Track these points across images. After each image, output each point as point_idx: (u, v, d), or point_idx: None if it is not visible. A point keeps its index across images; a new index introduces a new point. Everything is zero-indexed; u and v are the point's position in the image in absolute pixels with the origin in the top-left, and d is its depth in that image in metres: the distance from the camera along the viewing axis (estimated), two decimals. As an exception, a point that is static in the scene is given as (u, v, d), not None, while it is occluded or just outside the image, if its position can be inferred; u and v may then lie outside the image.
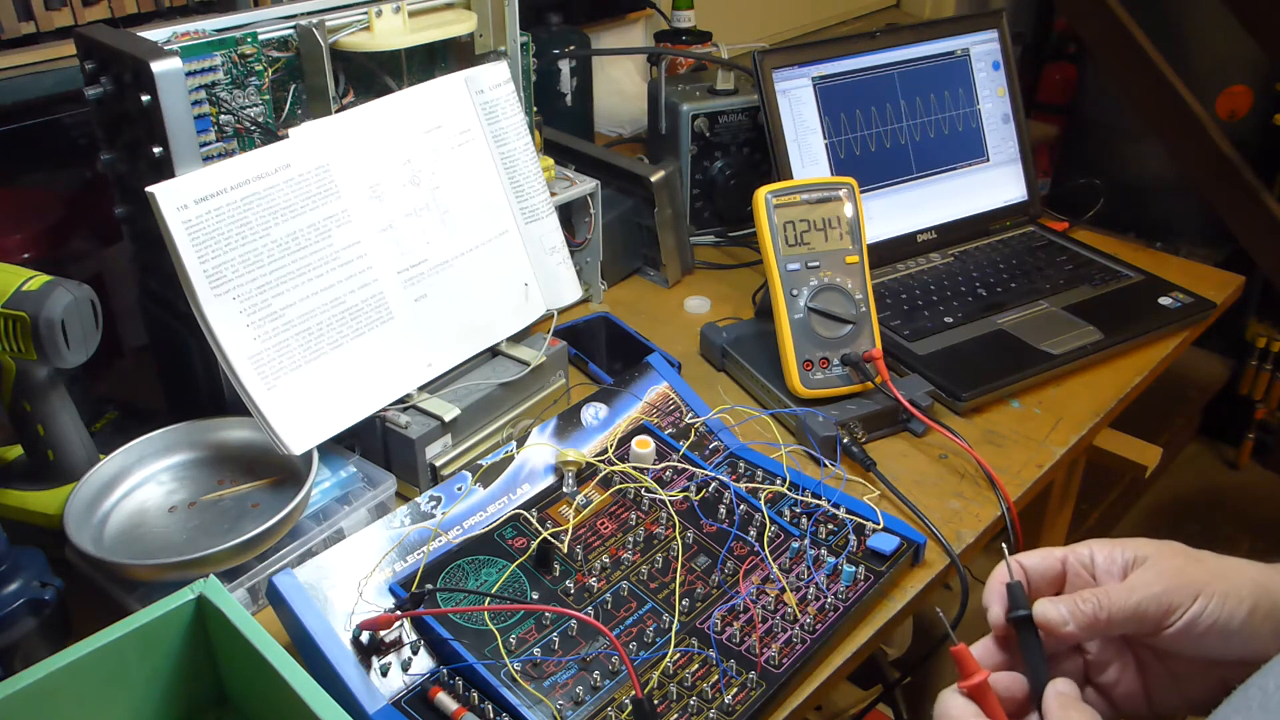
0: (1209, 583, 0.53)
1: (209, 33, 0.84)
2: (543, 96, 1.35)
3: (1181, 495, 2.42)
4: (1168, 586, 0.53)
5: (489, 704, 0.65)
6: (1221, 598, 0.52)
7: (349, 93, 0.92)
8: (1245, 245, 1.76)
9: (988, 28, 1.26)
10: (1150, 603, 0.53)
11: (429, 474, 0.87)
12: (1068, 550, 0.58)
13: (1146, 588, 0.53)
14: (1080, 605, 0.54)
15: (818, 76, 1.16)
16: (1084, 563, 0.58)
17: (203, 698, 0.70)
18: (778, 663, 0.70)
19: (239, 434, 0.86)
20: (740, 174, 1.29)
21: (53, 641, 0.70)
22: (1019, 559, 0.59)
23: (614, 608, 0.73)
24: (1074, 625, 0.54)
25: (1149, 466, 1.37)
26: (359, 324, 0.84)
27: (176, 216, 0.74)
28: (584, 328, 1.12)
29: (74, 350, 0.75)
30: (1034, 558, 0.59)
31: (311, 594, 0.68)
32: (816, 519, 0.81)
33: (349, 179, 0.84)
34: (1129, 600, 0.53)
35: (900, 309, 1.11)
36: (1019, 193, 1.29)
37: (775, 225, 0.96)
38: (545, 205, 0.98)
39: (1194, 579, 0.53)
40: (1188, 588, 0.53)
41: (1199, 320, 1.14)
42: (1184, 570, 0.54)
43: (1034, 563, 0.58)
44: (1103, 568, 0.57)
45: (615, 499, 0.82)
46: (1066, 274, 1.18)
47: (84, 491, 0.79)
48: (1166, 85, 1.65)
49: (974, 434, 0.97)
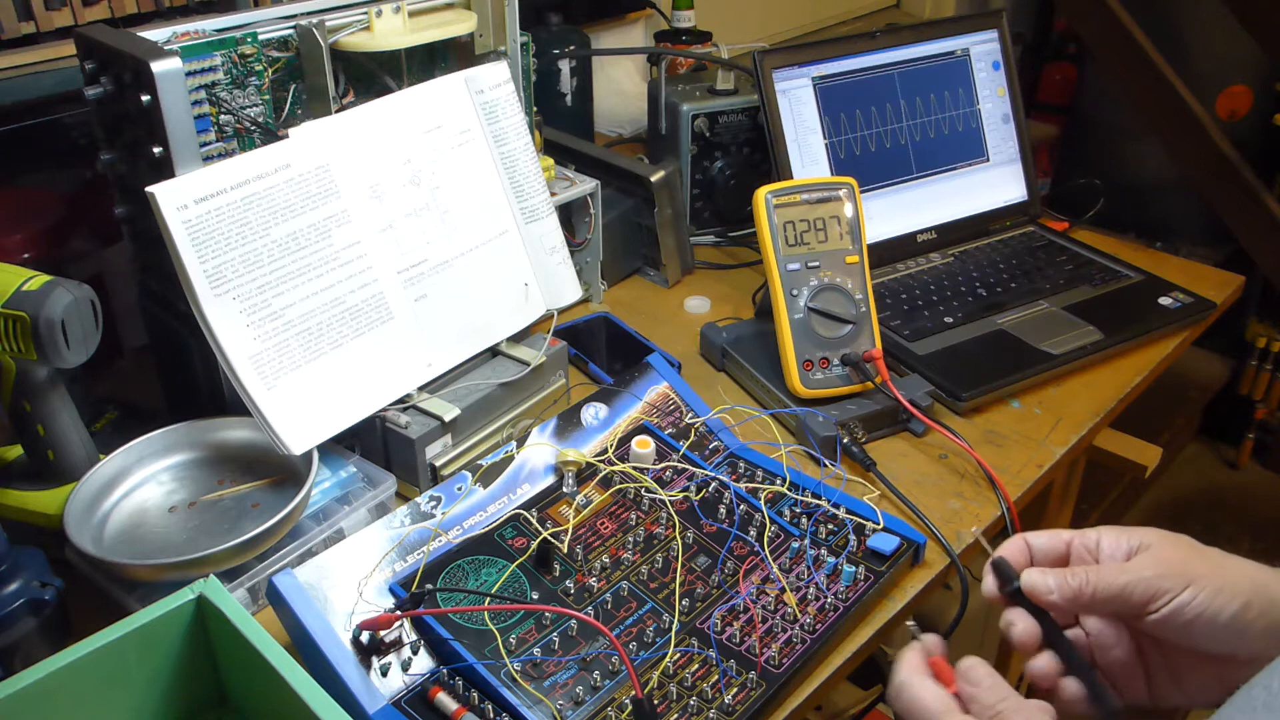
0: (1204, 575, 0.53)
1: (209, 33, 0.84)
2: (543, 96, 1.35)
3: (1181, 495, 2.42)
4: (1160, 573, 0.54)
5: (489, 704, 0.65)
6: (1214, 591, 0.53)
7: (349, 93, 0.92)
8: (1245, 245, 1.76)
9: (988, 28, 1.26)
10: (1138, 584, 0.54)
11: (429, 474, 0.87)
12: (1075, 533, 0.60)
13: (1137, 570, 0.55)
14: (1068, 577, 0.56)
15: (818, 76, 1.16)
16: (1089, 546, 0.59)
17: (203, 698, 0.70)
18: (778, 663, 0.70)
19: (239, 434, 0.86)
20: (740, 174, 1.29)
21: (53, 641, 0.70)
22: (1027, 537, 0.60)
23: (614, 608, 0.73)
24: (1058, 595, 0.55)
25: (1149, 466, 1.36)
26: (359, 324, 0.84)
27: (176, 216, 0.74)
28: (584, 328, 1.12)
29: (74, 350, 0.75)
30: (1041, 538, 0.60)
31: (311, 594, 0.68)
32: (816, 519, 0.81)
33: (349, 179, 0.84)
34: (1117, 580, 0.55)
35: (900, 309, 1.11)
36: (1019, 193, 1.29)
37: (775, 225, 0.96)
38: (545, 205, 0.98)
39: (1189, 569, 0.54)
40: (1180, 576, 0.54)
41: (1199, 320, 1.14)
42: (1182, 560, 0.55)
43: (1041, 542, 0.60)
44: (1107, 553, 0.58)
45: (615, 499, 0.82)
46: (1066, 274, 1.18)
47: (84, 491, 0.79)
48: (1166, 85, 1.66)
49: (974, 434, 0.97)
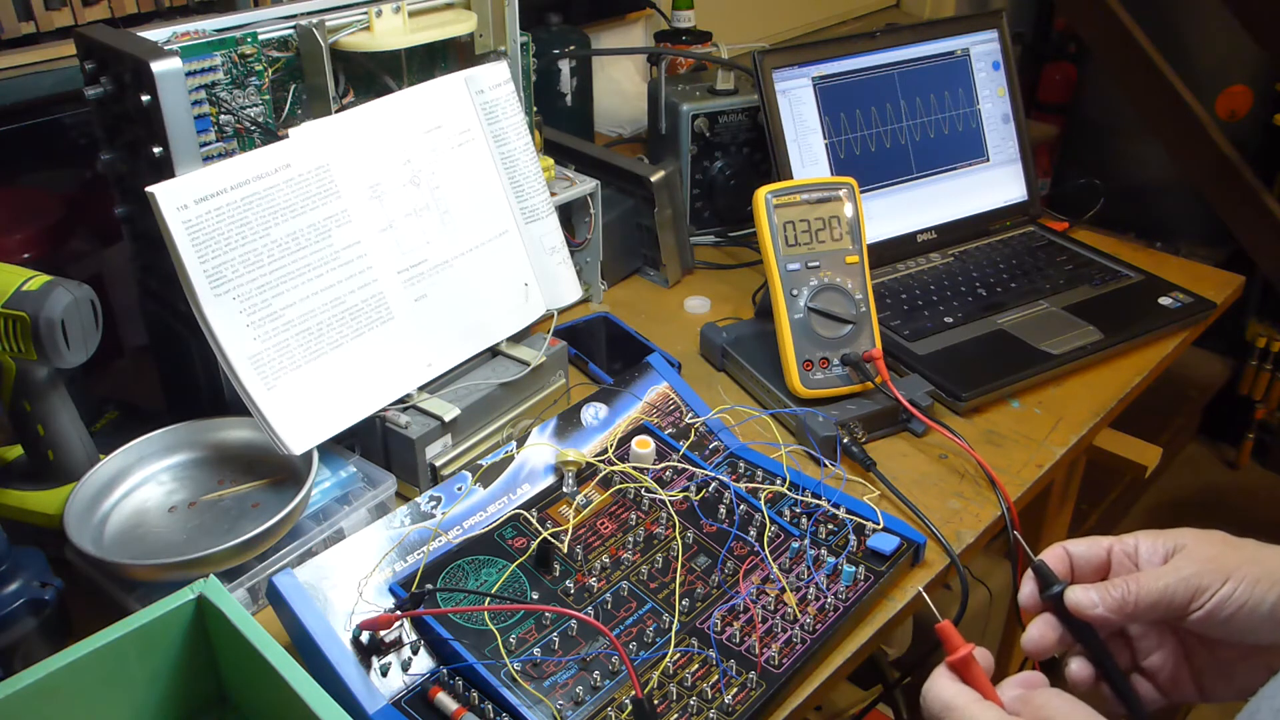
0: (1240, 566, 0.54)
1: (209, 33, 0.84)
2: (543, 96, 1.35)
3: (1181, 495, 2.42)
4: (1198, 570, 0.54)
5: (489, 704, 0.65)
6: (1252, 582, 0.53)
7: (349, 93, 0.92)
8: (1245, 245, 1.77)
9: (988, 28, 1.26)
10: (1178, 585, 0.54)
11: (429, 474, 0.87)
12: (1115, 540, 0.60)
13: (1176, 572, 0.55)
14: (1110, 590, 0.55)
15: (818, 76, 1.16)
16: (1128, 552, 0.59)
17: (203, 698, 0.70)
18: (778, 663, 0.70)
19: (239, 434, 0.86)
20: (740, 174, 1.29)
21: (53, 641, 0.70)
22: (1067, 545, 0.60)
23: (614, 608, 0.73)
24: (1102, 608, 0.55)
25: (1149, 466, 1.37)
26: (359, 324, 0.84)
27: (176, 216, 0.74)
28: (584, 328, 1.12)
29: (74, 350, 0.75)
30: (1081, 545, 0.60)
31: (311, 594, 0.68)
32: (816, 519, 0.81)
33: (349, 179, 0.84)
34: (1156, 584, 0.54)
35: (900, 309, 1.11)
36: (1019, 193, 1.29)
37: (775, 225, 0.96)
38: (545, 205, 0.98)
39: (1226, 564, 0.54)
40: (1218, 571, 0.54)
41: (1199, 320, 1.14)
42: (1218, 556, 0.55)
43: (1080, 550, 0.60)
44: (1145, 557, 0.58)
45: (615, 499, 0.82)
46: (1066, 274, 1.18)
47: (84, 491, 0.79)
48: (1166, 85, 1.66)
49: (974, 434, 0.97)
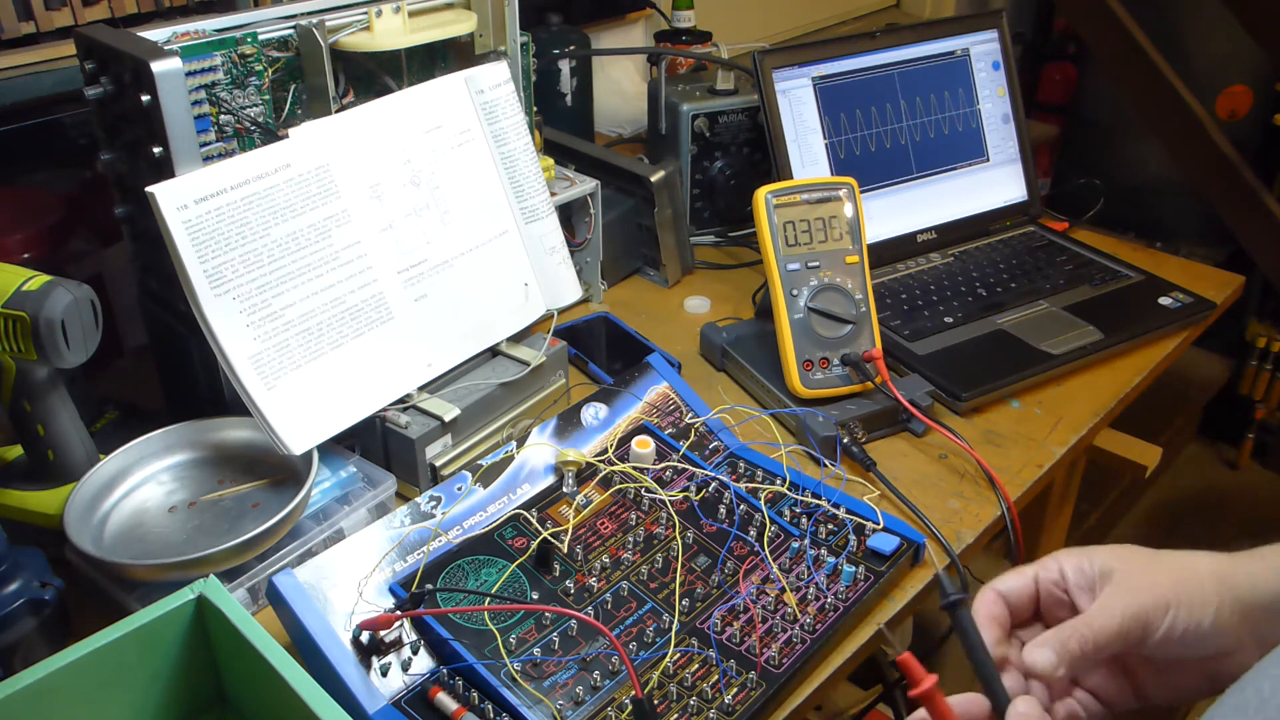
0: (1173, 591, 0.54)
1: (209, 33, 0.84)
2: (543, 96, 1.35)
3: (1181, 495, 2.42)
4: (1143, 604, 0.54)
5: (489, 704, 0.65)
6: (1189, 607, 0.53)
7: (349, 93, 0.92)
8: (1245, 245, 1.76)
9: (988, 28, 1.26)
10: (1131, 623, 0.54)
11: (429, 474, 0.87)
12: (1037, 566, 0.59)
13: (1125, 609, 0.54)
14: (1067, 644, 0.54)
15: (818, 76, 1.16)
16: (1054, 579, 0.58)
17: (203, 698, 0.70)
18: (778, 663, 0.70)
19: (239, 434, 0.86)
20: (740, 174, 1.29)
21: (53, 641, 0.70)
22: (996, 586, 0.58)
23: (614, 608, 0.73)
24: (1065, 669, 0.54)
25: (1149, 466, 1.37)
26: (359, 324, 0.84)
27: (176, 216, 0.74)
28: (584, 328, 1.12)
29: (74, 350, 0.75)
30: (1008, 581, 0.59)
31: (311, 594, 0.68)
32: (816, 519, 0.81)
33: (349, 179, 0.84)
34: (1111, 625, 0.54)
35: (900, 309, 1.11)
36: (1019, 193, 1.29)
37: (775, 225, 0.96)
38: (545, 205, 0.98)
39: (1162, 593, 0.54)
40: (1159, 604, 0.54)
41: (1199, 320, 1.14)
42: (1153, 583, 0.55)
43: (1009, 586, 0.58)
44: (1074, 581, 0.57)
45: (615, 499, 0.82)
46: (1066, 274, 1.18)
47: (84, 491, 0.79)
48: (1166, 85, 1.65)
49: (974, 434, 0.97)
